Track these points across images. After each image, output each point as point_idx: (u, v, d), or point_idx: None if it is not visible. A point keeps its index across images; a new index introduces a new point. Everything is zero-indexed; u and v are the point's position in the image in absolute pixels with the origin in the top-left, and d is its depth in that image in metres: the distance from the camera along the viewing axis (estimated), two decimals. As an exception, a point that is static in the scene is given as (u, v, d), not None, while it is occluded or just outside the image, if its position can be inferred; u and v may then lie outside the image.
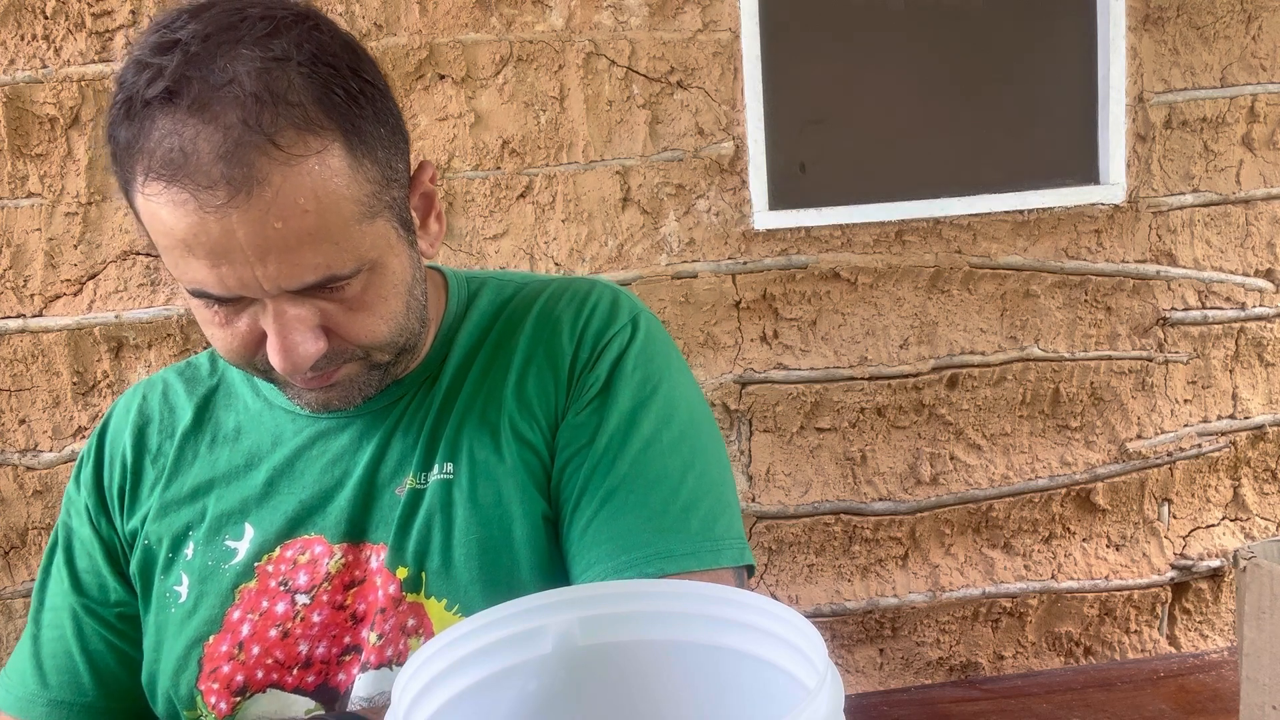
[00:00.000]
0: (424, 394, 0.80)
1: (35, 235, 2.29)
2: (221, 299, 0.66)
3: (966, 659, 2.68)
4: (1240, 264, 2.61)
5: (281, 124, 0.61)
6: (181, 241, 0.63)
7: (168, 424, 0.84)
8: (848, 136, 2.52)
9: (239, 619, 0.76)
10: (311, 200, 0.63)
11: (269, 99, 0.61)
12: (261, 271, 0.63)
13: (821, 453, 2.55)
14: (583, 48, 2.35)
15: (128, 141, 0.63)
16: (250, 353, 0.70)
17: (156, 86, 0.61)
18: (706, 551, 0.73)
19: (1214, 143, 2.56)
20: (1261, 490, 2.72)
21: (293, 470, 0.79)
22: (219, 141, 0.60)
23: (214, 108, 0.61)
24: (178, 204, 0.61)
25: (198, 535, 0.79)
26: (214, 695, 0.76)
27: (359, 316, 0.69)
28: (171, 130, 0.61)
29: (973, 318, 2.55)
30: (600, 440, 0.76)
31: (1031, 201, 2.51)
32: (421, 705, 0.51)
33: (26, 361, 2.32)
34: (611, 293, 0.83)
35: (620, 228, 2.42)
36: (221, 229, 0.61)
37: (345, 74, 0.65)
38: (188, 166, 0.61)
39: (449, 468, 0.77)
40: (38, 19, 2.23)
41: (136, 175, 0.63)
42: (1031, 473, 2.62)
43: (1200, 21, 2.51)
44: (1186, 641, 2.75)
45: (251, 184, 0.61)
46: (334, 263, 0.65)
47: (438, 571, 0.75)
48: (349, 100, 0.65)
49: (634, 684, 0.58)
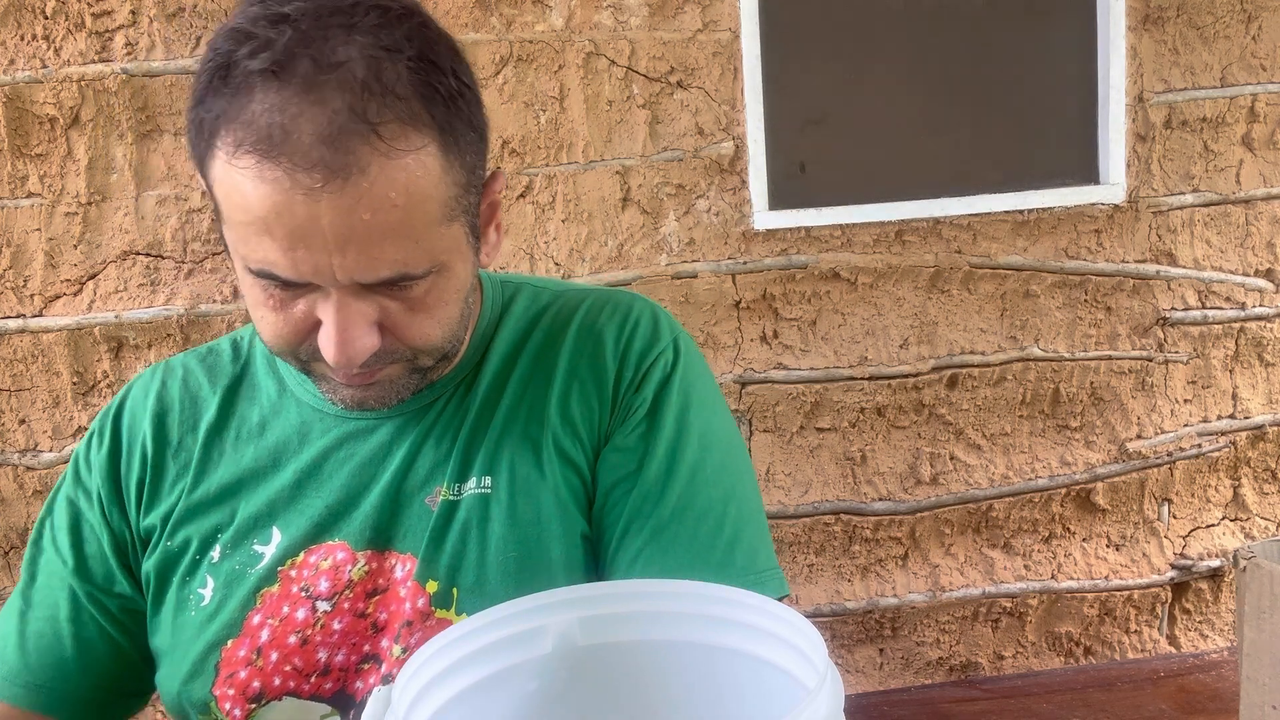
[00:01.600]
0: (459, 400, 0.79)
1: (35, 235, 2.29)
2: (287, 283, 0.65)
3: (966, 659, 2.68)
4: (1240, 264, 2.61)
5: (387, 115, 0.61)
6: (261, 219, 0.61)
7: (189, 415, 0.82)
8: (848, 136, 2.52)
9: (259, 624, 0.75)
10: (402, 195, 0.62)
11: (378, 89, 0.60)
12: (339, 260, 0.62)
13: (821, 453, 2.55)
14: (583, 48, 2.35)
15: (220, 109, 0.62)
16: (299, 340, 0.69)
17: (262, 58, 0.60)
18: (752, 585, 0.73)
19: (1214, 143, 2.56)
20: (1261, 490, 2.72)
21: (320, 472, 0.78)
22: (323, 124, 0.59)
23: (322, 89, 0.60)
24: (268, 180, 0.60)
25: (225, 538, 0.77)
26: (229, 701, 0.74)
27: (417, 318, 0.69)
28: (275, 105, 0.60)
29: (973, 318, 2.55)
30: (648, 469, 0.76)
31: (1031, 201, 2.51)
32: (421, 705, 0.51)
33: (26, 361, 2.32)
34: (651, 310, 0.83)
35: (620, 228, 2.42)
36: (308, 212, 0.60)
37: (448, 74, 0.64)
38: (287, 145, 0.59)
39: (487, 481, 0.76)
40: (38, 19, 2.23)
41: (224, 144, 0.62)
42: (1031, 473, 2.62)
43: (1200, 21, 2.51)
44: (1186, 641, 2.75)
45: (350, 171, 0.60)
46: (410, 261, 0.65)
47: (471, 588, 0.73)
48: (449, 101, 0.64)
49: (634, 684, 0.58)
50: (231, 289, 2.35)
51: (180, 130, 2.29)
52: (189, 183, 2.30)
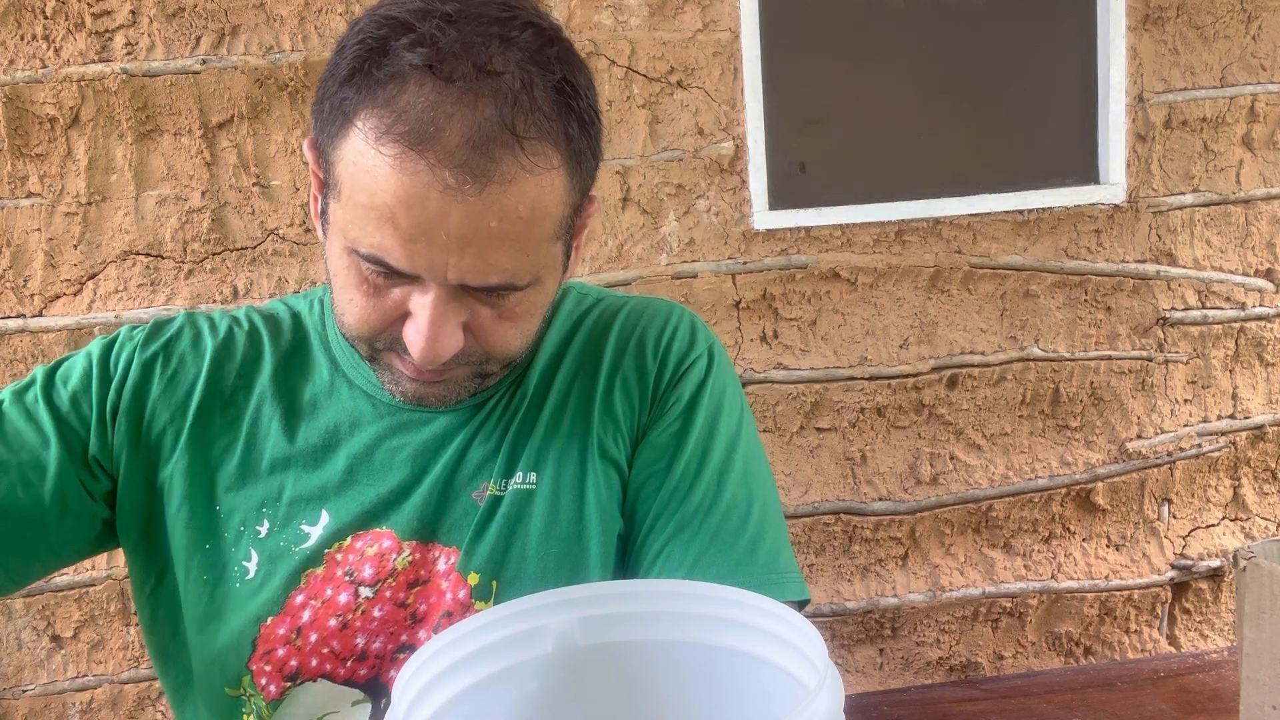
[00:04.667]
0: (509, 398, 0.80)
1: (35, 235, 2.29)
2: (393, 272, 0.66)
3: (966, 659, 2.68)
4: (1240, 264, 2.61)
5: (532, 132, 0.63)
6: (388, 207, 0.62)
7: (246, 372, 0.80)
8: (848, 136, 2.52)
9: (301, 604, 0.75)
10: (528, 209, 0.64)
11: (527, 104, 0.62)
12: (455, 260, 0.64)
13: (821, 453, 2.55)
14: (583, 48, 2.35)
15: (367, 94, 0.63)
16: (383, 327, 0.69)
17: (421, 53, 0.61)
18: (772, 584, 0.75)
19: (1214, 143, 2.56)
20: (1261, 490, 2.72)
21: (372, 460, 0.78)
22: (474, 128, 0.61)
23: (477, 95, 0.61)
24: (409, 172, 0.61)
25: (274, 514, 0.77)
26: (265, 677, 0.75)
27: (503, 326, 0.70)
28: (430, 99, 0.61)
29: (973, 318, 2.55)
30: (677, 466, 0.77)
31: (1031, 201, 2.51)
32: (421, 705, 0.51)
33: (26, 361, 2.32)
34: (689, 317, 0.85)
35: (620, 228, 2.42)
36: (440, 210, 0.62)
37: (584, 101, 0.67)
38: (436, 140, 0.61)
39: (532, 477, 0.77)
40: (38, 19, 2.23)
41: (367, 127, 0.63)
42: (1031, 473, 2.62)
43: (1200, 21, 2.51)
44: (1186, 641, 2.75)
45: (490, 178, 0.62)
46: (519, 272, 0.66)
47: (510, 582, 0.75)
48: (583, 127, 0.67)
49: (634, 684, 0.58)
50: (231, 289, 2.35)
51: (180, 130, 2.29)
52: (189, 183, 2.31)
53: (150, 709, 2.48)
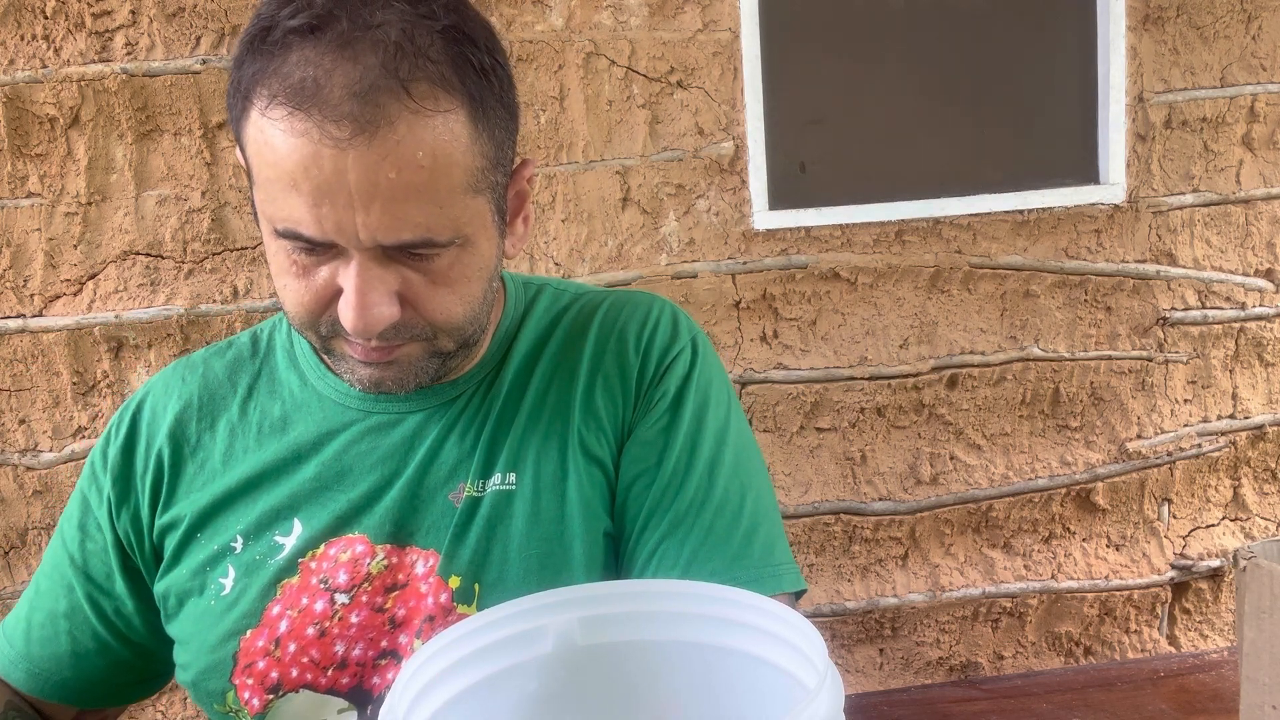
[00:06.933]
0: (481, 396, 0.79)
1: (35, 235, 2.29)
2: (311, 244, 0.65)
3: (966, 659, 2.68)
4: (1240, 264, 2.61)
5: (418, 75, 0.62)
6: (289, 174, 0.63)
7: (208, 413, 0.82)
8: (848, 136, 2.52)
9: (278, 614, 0.75)
10: (429, 157, 0.63)
11: (410, 50, 0.62)
12: (363, 219, 0.63)
13: (821, 452, 2.55)
14: (583, 48, 2.35)
15: (257, 68, 0.63)
16: (321, 309, 0.69)
17: (301, 18, 0.62)
18: (769, 577, 0.75)
19: (1214, 143, 2.56)
20: (1261, 490, 2.72)
21: (342, 466, 0.78)
22: (355, 79, 0.61)
23: (356, 46, 0.61)
24: (298, 133, 0.61)
25: (247, 529, 0.78)
26: (247, 691, 0.75)
27: (439, 292, 0.69)
28: (308, 60, 0.61)
29: (973, 318, 2.55)
30: (667, 463, 0.77)
31: (1031, 201, 2.51)
32: (421, 705, 0.51)
33: (26, 361, 2.32)
34: (671, 309, 0.84)
35: (620, 228, 2.42)
36: (334, 166, 0.61)
37: (481, 49, 0.66)
38: (318, 97, 0.61)
39: (511, 478, 0.76)
40: (38, 19, 2.23)
41: (258, 99, 0.63)
42: (1031, 473, 2.62)
43: (1200, 21, 2.51)
44: (1186, 641, 2.75)
45: (378, 126, 0.61)
46: (434, 226, 0.65)
47: (493, 585, 0.74)
48: (480, 73, 0.66)
49: (634, 684, 0.58)
50: (231, 289, 2.35)
51: (180, 130, 2.29)
52: (189, 183, 2.31)
53: (150, 709, 2.48)
